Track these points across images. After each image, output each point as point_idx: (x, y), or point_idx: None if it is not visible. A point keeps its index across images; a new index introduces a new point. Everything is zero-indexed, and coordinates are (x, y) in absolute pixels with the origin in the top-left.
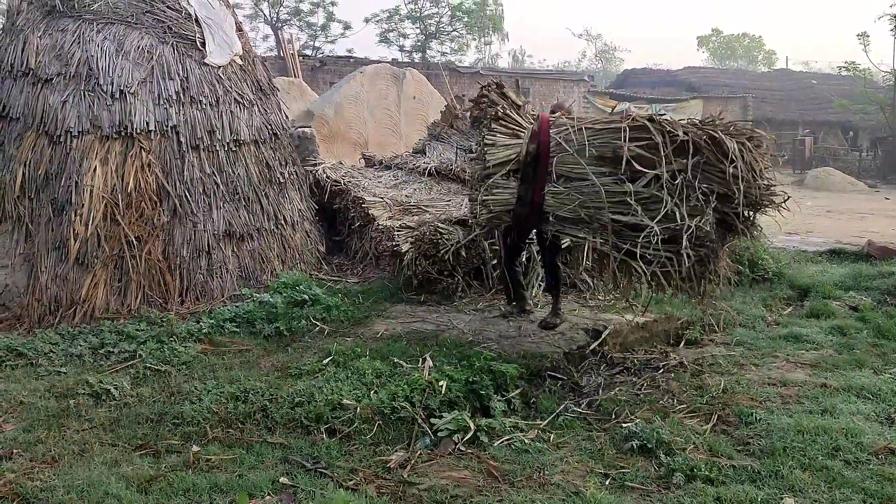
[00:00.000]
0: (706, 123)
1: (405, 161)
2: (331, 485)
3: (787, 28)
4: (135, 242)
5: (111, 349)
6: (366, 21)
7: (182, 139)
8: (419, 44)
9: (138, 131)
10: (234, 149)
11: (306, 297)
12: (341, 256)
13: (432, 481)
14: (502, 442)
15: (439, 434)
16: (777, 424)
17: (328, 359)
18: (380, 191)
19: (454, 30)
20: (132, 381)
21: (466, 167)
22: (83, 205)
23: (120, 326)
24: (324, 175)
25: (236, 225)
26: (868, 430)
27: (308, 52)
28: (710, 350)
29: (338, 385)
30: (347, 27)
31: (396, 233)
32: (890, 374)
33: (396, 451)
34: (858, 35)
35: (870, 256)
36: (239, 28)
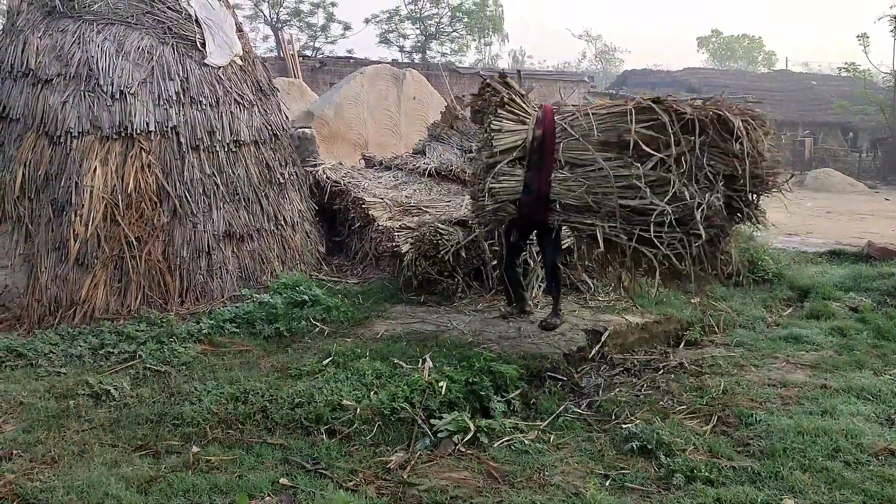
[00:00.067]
0: (710, 103)
1: (405, 162)
2: (331, 485)
3: (787, 29)
4: (135, 243)
5: (111, 350)
6: (366, 22)
7: (182, 140)
8: (419, 44)
9: (138, 132)
10: (234, 149)
11: (306, 298)
12: (341, 257)
13: (432, 482)
14: (502, 443)
15: (439, 435)
16: (777, 425)
17: (328, 359)
18: (380, 191)
19: (454, 30)
20: (132, 382)
21: (467, 168)
22: (83, 205)
23: (120, 327)
24: (324, 176)
25: (236, 225)
26: (868, 432)
27: (308, 53)
28: (710, 351)
29: (338, 386)
30: (347, 28)
31: (396, 233)
32: (890, 376)
33: (396, 452)
34: (858, 36)
35: (870, 257)
36: (239, 29)
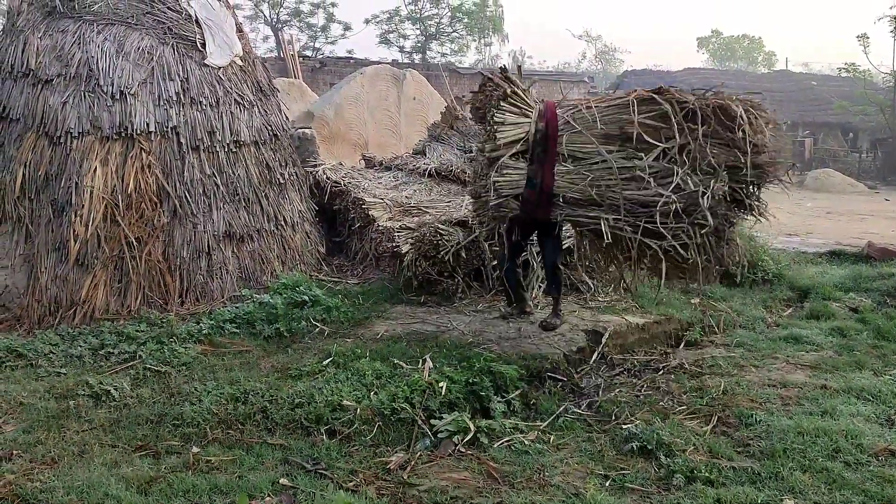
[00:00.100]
0: (711, 94)
1: (405, 162)
2: (331, 486)
3: (787, 29)
4: (135, 243)
5: (111, 350)
6: (366, 22)
7: (182, 140)
8: (419, 45)
9: (138, 132)
10: (235, 150)
11: (306, 298)
12: (341, 257)
13: (432, 482)
14: (502, 443)
15: (439, 435)
16: (777, 426)
17: (328, 360)
18: (380, 192)
19: (454, 31)
20: (132, 382)
21: (467, 168)
22: (83, 206)
23: (120, 327)
24: (324, 176)
25: (236, 226)
26: (868, 432)
27: (308, 53)
28: (710, 351)
29: (338, 386)
30: (347, 28)
31: (396, 234)
32: (890, 376)
33: (396, 453)
34: (858, 36)
35: (870, 258)
36: (239, 29)
